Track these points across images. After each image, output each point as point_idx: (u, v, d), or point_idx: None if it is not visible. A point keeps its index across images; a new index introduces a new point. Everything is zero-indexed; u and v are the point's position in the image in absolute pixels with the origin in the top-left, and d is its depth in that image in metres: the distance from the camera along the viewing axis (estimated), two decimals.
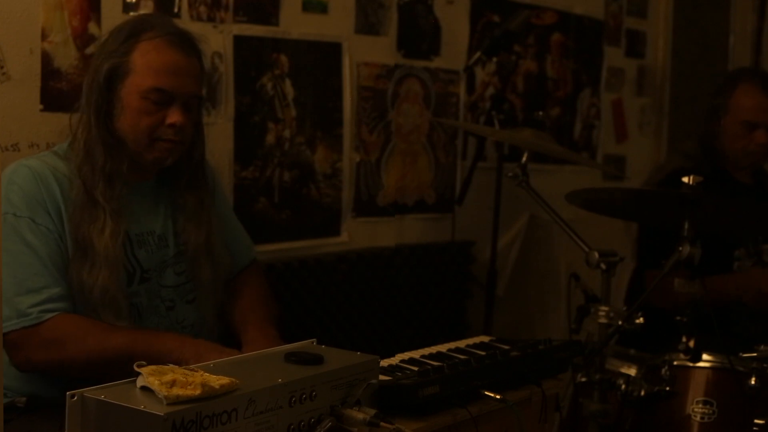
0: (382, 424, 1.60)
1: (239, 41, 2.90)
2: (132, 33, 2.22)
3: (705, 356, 2.55)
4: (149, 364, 1.49)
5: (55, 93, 2.50)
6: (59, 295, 2.12)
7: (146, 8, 2.65)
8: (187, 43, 2.27)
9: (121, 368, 1.57)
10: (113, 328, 2.13)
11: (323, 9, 3.12)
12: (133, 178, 2.27)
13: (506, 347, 2.09)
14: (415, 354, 2.01)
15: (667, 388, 2.56)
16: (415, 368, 1.87)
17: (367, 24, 3.27)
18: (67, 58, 2.52)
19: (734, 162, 3.36)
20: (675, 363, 2.58)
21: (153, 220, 2.33)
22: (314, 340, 1.83)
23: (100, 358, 2.08)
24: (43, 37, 2.47)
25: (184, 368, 1.50)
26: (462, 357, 1.99)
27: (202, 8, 2.80)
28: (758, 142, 3.30)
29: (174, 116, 2.22)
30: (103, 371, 2.01)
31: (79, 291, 2.15)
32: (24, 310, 2.08)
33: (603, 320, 2.57)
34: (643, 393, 2.57)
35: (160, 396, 1.41)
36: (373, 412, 1.61)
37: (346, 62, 3.20)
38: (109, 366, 2.00)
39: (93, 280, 2.14)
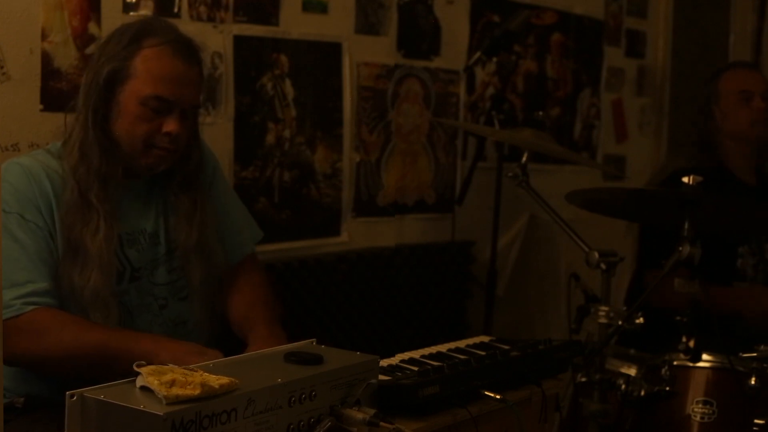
0: (381, 424, 1.60)
1: (239, 41, 2.90)
2: (135, 37, 2.21)
3: (705, 356, 2.55)
4: (123, 364, 1.49)
5: (55, 93, 2.50)
6: (44, 290, 2.12)
7: (146, 8, 2.65)
8: (189, 52, 2.25)
9: (98, 367, 1.56)
10: (91, 325, 2.12)
11: (323, 9, 3.12)
12: (125, 178, 2.27)
13: (506, 347, 2.09)
14: (415, 354, 2.01)
15: (667, 388, 2.56)
16: (415, 368, 1.87)
17: (367, 24, 3.27)
18: (67, 58, 2.52)
19: (740, 144, 3.36)
20: (675, 363, 2.58)
21: (144, 219, 2.32)
22: (314, 340, 1.83)
23: (75, 353, 2.06)
24: (43, 37, 2.47)
25: (184, 368, 1.50)
26: (462, 357, 1.99)
27: (202, 8, 2.80)
28: (758, 109, 3.32)
29: (171, 125, 2.21)
30: (80, 368, 2.01)
31: (69, 291, 2.15)
32: (7, 302, 2.07)
33: (603, 320, 2.57)
34: (643, 393, 2.57)
35: (159, 396, 1.41)
36: (372, 412, 1.61)
37: (346, 62, 3.20)
38: (84, 362, 2.01)
39: (84, 282, 2.14)
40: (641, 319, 2.55)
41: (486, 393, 1.88)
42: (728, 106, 3.36)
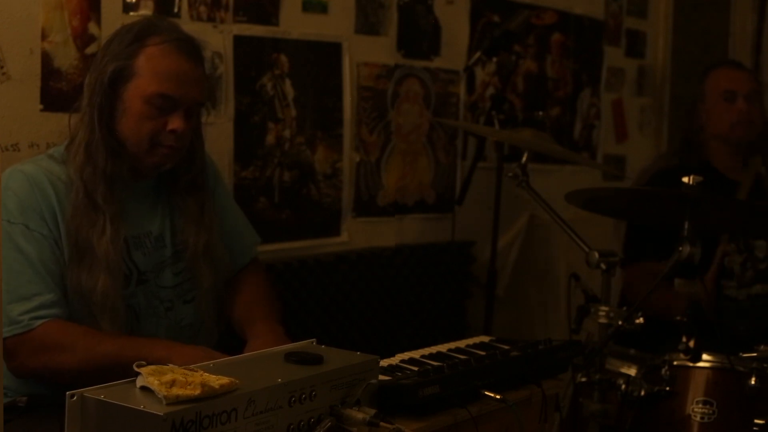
0: (381, 424, 1.60)
1: (239, 41, 2.90)
2: (138, 36, 2.21)
3: (705, 356, 2.55)
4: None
5: (55, 93, 2.50)
6: (51, 302, 2.11)
7: (146, 8, 2.65)
8: (192, 50, 2.26)
9: (112, 375, 1.56)
10: (103, 335, 2.12)
11: (323, 9, 3.12)
12: (131, 179, 2.27)
13: (506, 347, 2.09)
14: (415, 354, 2.01)
15: (667, 388, 2.56)
16: (415, 368, 1.87)
17: (367, 24, 3.27)
18: (67, 58, 2.52)
19: (723, 144, 3.34)
20: (675, 363, 2.57)
21: (150, 221, 2.32)
22: (314, 340, 1.83)
23: (90, 364, 2.07)
24: (43, 37, 2.47)
25: (184, 368, 1.50)
26: (462, 357, 1.99)
27: (202, 8, 2.80)
28: (740, 110, 3.30)
29: (175, 122, 2.21)
30: (94, 379, 2.00)
31: (77, 294, 2.15)
32: (15, 318, 2.07)
33: (603, 320, 2.57)
34: (643, 393, 2.56)
35: (159, 396, 1.41)
36: (372, 412, 1.61)
37: (346, 62, 3.20)
38: (99, 373, 1.98)
39: (92, 284, 2.14)
40: (641, 319, 2.55)
41: (486, 393, 1.88)
42: (711, 106, 3.35)
